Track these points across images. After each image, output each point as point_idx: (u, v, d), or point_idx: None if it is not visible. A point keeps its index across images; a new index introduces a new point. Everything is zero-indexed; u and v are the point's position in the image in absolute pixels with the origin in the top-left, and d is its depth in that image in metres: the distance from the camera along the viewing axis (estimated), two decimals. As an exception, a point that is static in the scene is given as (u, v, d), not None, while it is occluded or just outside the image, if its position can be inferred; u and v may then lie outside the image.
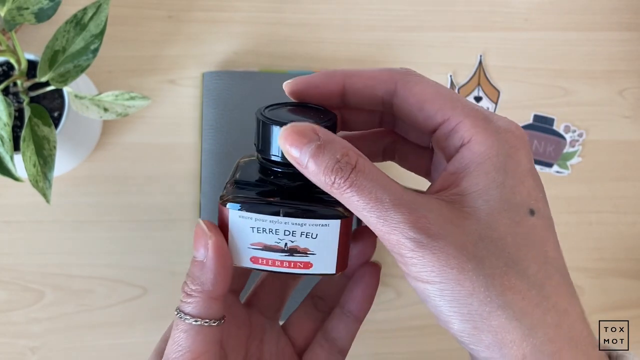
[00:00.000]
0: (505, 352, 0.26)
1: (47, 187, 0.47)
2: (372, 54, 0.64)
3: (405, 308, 0.61)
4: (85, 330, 0.59)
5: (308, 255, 0.30)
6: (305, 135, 0.26)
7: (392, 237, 0.25)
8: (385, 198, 0.25)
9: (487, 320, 0.25)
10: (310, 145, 0.26)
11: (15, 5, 0.48)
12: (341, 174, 0.25)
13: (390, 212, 0.25)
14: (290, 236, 0.29)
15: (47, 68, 0.49)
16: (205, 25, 0.63)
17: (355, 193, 0.25)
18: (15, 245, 0.59)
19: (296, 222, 0.29)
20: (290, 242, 0.29)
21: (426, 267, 0.25)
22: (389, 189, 0.26)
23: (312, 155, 0.26)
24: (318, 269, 0.30)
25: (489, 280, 0.25)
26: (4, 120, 0.45)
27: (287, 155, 0.27)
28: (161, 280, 0.60)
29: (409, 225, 0.25)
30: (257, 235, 0.29)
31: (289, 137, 0.26)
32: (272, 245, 0.30)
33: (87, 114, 0.50)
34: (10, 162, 0.46)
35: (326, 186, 0.26)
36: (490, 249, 0.26)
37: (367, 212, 0.26)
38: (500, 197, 0.27)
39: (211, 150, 0.60)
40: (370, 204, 0.25)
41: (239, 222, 0.29)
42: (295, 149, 0.26)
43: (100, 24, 0.50)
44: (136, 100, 0.50)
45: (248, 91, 0.60)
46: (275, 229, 0.29)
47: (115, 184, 0.61)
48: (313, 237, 0.29)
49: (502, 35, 0.64)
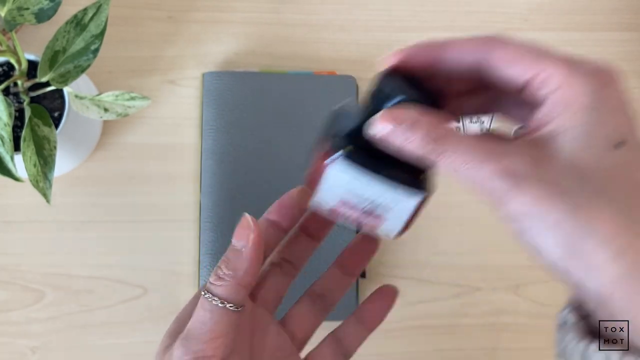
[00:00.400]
0: (596, 274, 0.28)
1: (47, 187, 0.47)
2: (371, 54, 0.64)
3: (405, 308, 0.61)
4: (86, 330, 0.59)
5: (380, 219, 0.33)
6: (397, 117, 0.29)
7: (486, 186, 0.29)
8: (476, 156, 0.29)
9: (577, 247, 0.28)
10: (402, 125, 0.29)
11: (16, 6, 0.48)
12: (433, 145, 0.29)
13: (482, 166, 0.28)
14: (374, 200, 0.32)
15: (47, 68, 0.49)
16: (205, 25, 0.63)
17: (448, 158, 0.29)
18: (15, 245, 0.59)
19: (384, 190, 0.32)
20: (371, 205, 0.33)
21: (518, 205, 0.28)
22: (477, 146, 0.29)
23: (405, 133, 0.29)
24: (382, 231, 0.34)
25: (577, 210, 0.27)
26: (4, 121, 0.45)
27: (383, 136, 0.30)
28: (161, 280, 0.60)
29: (499, 174, 0.28)
30: (346, 192, 0.32)
31: (384, 119, 0.30)
32: (355, 204, 0.33)
33: (88, 114, 0.50)
34: (11, 162, 0.46)
35: (422, 156, 0.30)
36: (577, 182, 0.28)
37: (461, 171, 0.29)
38: (586, 134, 0.29)
39: (211, 151, 0.60)
40: (463, 165, 0.29)
41: (335, 175, 0.32)
42: (390, 130, 0.29)
43: (100, 25, 0.50)
44: (136, 100, 0.51)
45: (248, 91, 0.60)
46: (364, 192, 0.32)
47: (116, 184, 0.61)
48: (392, 205, 0.32)
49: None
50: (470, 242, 0.62)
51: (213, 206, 0.59)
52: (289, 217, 0.39)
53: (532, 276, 0.62)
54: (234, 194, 0.59)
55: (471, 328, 0.62)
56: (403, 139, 0.29)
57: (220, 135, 0.60)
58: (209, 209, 0.59)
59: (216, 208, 0.59)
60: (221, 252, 0.58)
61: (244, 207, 0.59)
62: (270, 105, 0.60)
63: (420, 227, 0.62)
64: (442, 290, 0.62)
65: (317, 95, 0.61)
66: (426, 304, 0.62)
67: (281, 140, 0.60)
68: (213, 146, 0.60)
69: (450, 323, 0.61)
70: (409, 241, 0.62)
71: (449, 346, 0.61)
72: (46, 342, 0.59)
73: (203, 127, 0.60)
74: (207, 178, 0.60)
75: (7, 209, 0.60)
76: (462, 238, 0.62)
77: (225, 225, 0.59)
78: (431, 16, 0.65)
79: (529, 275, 0.62)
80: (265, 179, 0.60)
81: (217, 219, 0.59)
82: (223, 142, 0.60)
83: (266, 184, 0.60)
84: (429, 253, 0.62)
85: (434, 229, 0.62)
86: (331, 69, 0.63)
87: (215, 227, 0.59)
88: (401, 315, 0.61)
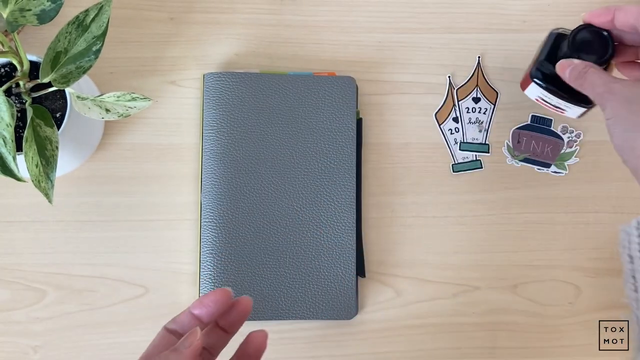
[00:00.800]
0: None
1: (49, 187, 0.47)
2: (371, 56, 0.64)
3: (404, 307, 0.62)
4: (87, 330, 0.60)
5: (562, 111, 0.57)
6: (566, 66, 0.51)
7: (601, 98, 0.48)
8: (601, 83, 0.49)
9: (633, 142, 0.45)
10: (569, 69, 0.51)
11: (18, 7, 0.49)
12: (581, 74, 0.50)
13: (606, 80, 0.49)
14: (557, 104, 0.56)
15: (49, 69, 0.49)
16: (206, 26, 0.63)
17: (588, 76, 0.50)
18: (17, 245, 0.60)
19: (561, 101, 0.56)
20: (556, 104, 0.56)
21: (608, 110, 0.48)
22: (605, 78, 0.49)
23: (569, 72, 0.51)
24: (565, 114, 0.57)
25: (636, 117, 0.46)
26: (6, 121, 0.46)
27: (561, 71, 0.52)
28: (162, 280, 0.60)
29: (606, 92, 0.48)
30: (540, 96, 0.56)
31: (560, 66, 0.52)
32: (546, 103, 0.57)
33: (89, 114, 0.50)
34: (13, 163, 0.46)
35: (577, 78, 0.50)
36: None
37: (593, 90, 0.49)
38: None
39: (211, 151, 0.60)
40: (592, 87, 0.49)
41: (532, 86, 0.56)
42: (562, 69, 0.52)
43: (102, 26, 0.50)
44: (138, 101, 0.51)
45: (248, 92, 0.61)
46: (549, 99, 0.56)
47: (117, 184, 0.61)
48: (566, 109, 0.56)
49: (500, 37, 0.65)
50: (468, 241, 0.63)
51: (213, 206, 0.59)
52: (209, 314, 0.44)
53: (530, 275, 0.63)
54: (234, 194, 0.60)
55: (470, 327, 0.62)
56: (569, 78, 0.51)
57: (221, 135, 0.60)
58: (209, 209, 0.59)
59: (216, 208, 0.59)
60: (221, 252, 0.59)
61: (243, 207, 0.60)
62: (270, 105, 0.61)
63: (419, 226, 0.63)
64: (440, 289, 0.62)
65: (316, 96, 0.61)
66: (425, 303, 0.62)
67: (281, 140, 0.61)
68: (213, 146, 0.60)
69: (448, 322, 0.62)
70: (408, 241, 0.62)
71: (447, 345, 0.62)
72: (48, 341, 0.59)
73: (203, 128, 0.61)
74: (207, 178, 0.60)
75: (10, 208, 0.60)
76: (460, 237, 0.63)
77: (225, 225, 0.59)
78: (430, 17, 0.65)
79: (527, 274, 0.63)
80: (265, 178, 0.60)
81: (217, 219, 0.59)
82: (223, 143, 0.60)
83: (266, 184, 0.60)
84: (428, 252, 0.62)
85: (433, 229, 0.63)
86: (331, 70, 0.63)
87: (215, 227, 0.59)
88: (400, 315, 0.62)
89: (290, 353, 0.61)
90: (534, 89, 0.56)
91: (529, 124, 0.64)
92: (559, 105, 0.56)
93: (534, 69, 0.55)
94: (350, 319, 0.60)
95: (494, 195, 0.63)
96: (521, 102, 0.64)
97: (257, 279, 0.59)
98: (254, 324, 0.60)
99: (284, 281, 0.59)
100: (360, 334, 0.62)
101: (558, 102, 0.56)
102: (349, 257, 0.60)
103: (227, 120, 0.60)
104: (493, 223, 0.63)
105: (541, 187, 0.64)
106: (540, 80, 0.55)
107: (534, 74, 0.55)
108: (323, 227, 0.60)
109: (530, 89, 0.57)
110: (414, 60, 0.64)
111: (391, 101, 0.64)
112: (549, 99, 0.56)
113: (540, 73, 0.55)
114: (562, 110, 0.57)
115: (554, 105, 0.57)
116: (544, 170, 0.64)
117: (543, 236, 0.63)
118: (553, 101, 0.56)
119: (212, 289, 0.58)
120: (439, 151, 0.64)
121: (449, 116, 0.64)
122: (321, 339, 0.61)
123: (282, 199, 0.60)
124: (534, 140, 0.64)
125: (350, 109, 0.61)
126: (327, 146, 0.61)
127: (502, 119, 0.64)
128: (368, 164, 0.63)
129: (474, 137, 0.64)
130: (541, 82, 0.55)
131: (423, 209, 0.63)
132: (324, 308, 0.60)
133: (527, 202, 0.63)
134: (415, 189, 0.63)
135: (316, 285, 0.60)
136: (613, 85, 0.48)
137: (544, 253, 0.63)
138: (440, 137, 0.64)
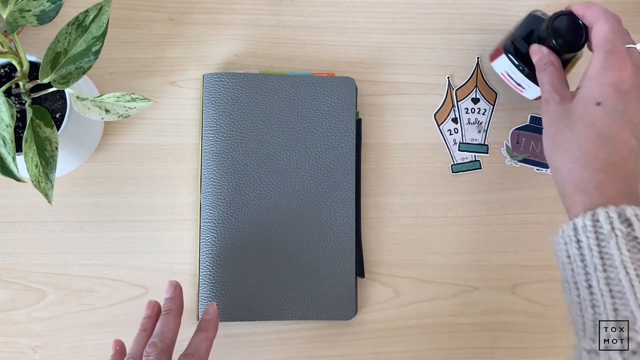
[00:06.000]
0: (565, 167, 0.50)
1: (49, 187, 0.48)
2: (370, 56, 0.64)
3: (403, 307, 0.62)
4: (87, 330, 0.60)
5: (522, 90, 0.61)
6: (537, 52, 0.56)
7: (543, 101, 0.54)
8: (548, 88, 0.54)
9: (555, 154, 0.50)
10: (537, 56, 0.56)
11: (18, 8, 0.49)
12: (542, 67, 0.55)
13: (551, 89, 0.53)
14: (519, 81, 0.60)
15: (49, 70, 0.49)
16: (205, 27, 0.64)
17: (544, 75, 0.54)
18: (17, 245, 0.60)
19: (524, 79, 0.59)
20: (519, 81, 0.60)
21: (544, 117, 0.53)
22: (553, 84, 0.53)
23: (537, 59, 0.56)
24: (523, 94, 0.61)
25: (557, 131, 0.51)
26: (6, 122, 0.46)
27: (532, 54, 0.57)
28: (162, 280, 0.60)
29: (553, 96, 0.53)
30: (506, 70, 0.60)
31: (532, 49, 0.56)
32: (510, 78, 0.60)
33: (89, 115, 0.50)
34: (13, 163, 0.46)
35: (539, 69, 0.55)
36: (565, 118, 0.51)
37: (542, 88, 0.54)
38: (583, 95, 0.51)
39: (211, 151, 0.60)
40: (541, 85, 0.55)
41: (502, 59, 0.59)
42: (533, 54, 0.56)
43: (101, 26, 0.50)
44: (137, 101, 0.51)
45: (248, 93, 0.61)
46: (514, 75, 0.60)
47: (117, 184, 0.61)
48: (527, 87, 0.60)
49: (500, 38, 0.65)
50: (468, 242, 0.63)
51: (212, 206, 0.59)
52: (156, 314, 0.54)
53: (529, 276, 0.63)
54: (234, 194, 0.60)
55: (469, 327, 0.62)
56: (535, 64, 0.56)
57: (220, 136, 0.60)
58: (209, 210, 0.60)
59: (216, 208, 0.59)
60: (221, 252, 0.59)
61: (243, 208, 0.60)
62: (270, 106, 0.61)
63: (418, 227, 0.63)
64: (440, 289, 0.62)
65: (316, 97, 0.61)
66: (424, 304, 0.62)
67: (280, 140, 0.61)
68: (213, 147, 0.60)
69: (448, 322, 0.62)
70: (407, 241, 0.62)
71: (446, 345, 0.62)
72: (48, 341, 0.59)
73: (203, 128, 0.61)
74: (207, 178, 0.60)
75: (9, 209, 0.60)
76: (460, 238, 0.63)
77: (224, 225, 0.59)
78: (429, 18, 0.65)
79: (526, 275, 0.63)
80: (264, 179, 0.60)
81: (217, 219, 0.59)
82: (223, 143, 0.60)
83: (265, 185, 0.60)
84: (427, 253, 0.62)
85: (432, 229, 0.63)
86: (330, 70, 0.64)
87: (215, 228, 0.59)
88: (399, 315, 0.62)
89: (290, 353, 0.61)
90: (503, 62, 0.59)
91: (528, 125, 0.64)
92: (521, 82, 0.59)
93: (509, 43, 0.58)
94: (350, 319, 0.60)
95: (493, 195, 0.63)
96: (520, 102, 0.64)
97: (257, 279, 0.59)
98: (254, 324, 0.61)
99: (284, 281, 0.59)
100: (359, 334, 0.62)
101: (522, 79, 0.59)
102: (348, 258, 0.60)
103: (226, 120, 0.60)
104: (492, 223, 0.63)
105: (540, 187, 0.64)
106: (512, 55, 0.58)
107: (508, 48, 0.58)
108: (322, 227, 0.60)
109: (499, 61, 0.60)
110: (413, 61, 0.65)
111: (390, 102, 0.64)
112: (513, 75, 0.59)
113: (513, 48, 0.58)
114: (522, 88, 0.60)
115: (517, 82, 0.60)
116: (543, 171, 0.64)
117: (542, 236, 0.63)
118: (517, 77, 0.59)
119: (212, 289, 0.59)
120: (438, 152, 0.64)
121: (448, 117, 0.64)
122: (320, 339, 0.61)
123: (282, 199, 0.60)
124: (533, 141, 0.64)
125: (349, 110, 0.62)
126: (326, 147, 0.61)
127: (501, 119, 0.64)
128: (367, 165, 0.63)
129: (473, 138, 0.64)
130: (513, 57, 0.58)
131: (422, 210, 0.63)
132: (323, 308, 0.60)
133: (526, 203, 0.63)
134: (415, 190, 0.63)
135: (315, 286, 0.60)
136: (553, 95, 0.52)
137: (543, 253, 0.63)
138: (440, 138, 0.64)
